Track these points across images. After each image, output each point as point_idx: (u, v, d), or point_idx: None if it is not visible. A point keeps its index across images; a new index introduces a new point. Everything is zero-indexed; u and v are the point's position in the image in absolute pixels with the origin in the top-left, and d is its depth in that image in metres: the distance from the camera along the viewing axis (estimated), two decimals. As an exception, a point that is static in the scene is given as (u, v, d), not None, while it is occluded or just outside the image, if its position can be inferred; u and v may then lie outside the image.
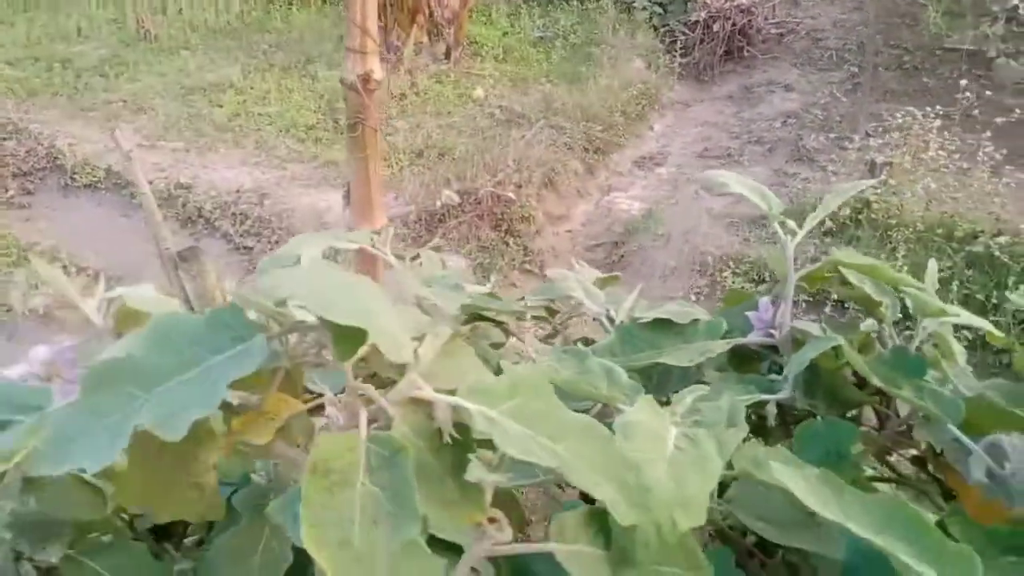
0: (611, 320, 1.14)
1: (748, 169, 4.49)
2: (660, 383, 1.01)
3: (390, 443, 0.60)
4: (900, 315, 1.03)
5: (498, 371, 0.76)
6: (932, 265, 1.11)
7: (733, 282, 3.27)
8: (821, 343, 1.06)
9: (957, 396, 0.92)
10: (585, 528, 0.67)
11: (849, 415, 1.00)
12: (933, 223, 3.34)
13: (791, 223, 1.05)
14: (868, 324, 1.06)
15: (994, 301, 2.98)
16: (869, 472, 1.02)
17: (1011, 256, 3.02)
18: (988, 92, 4.21)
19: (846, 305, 2.88)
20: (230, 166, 4.64)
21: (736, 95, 5.96)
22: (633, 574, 0.65)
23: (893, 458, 1.04)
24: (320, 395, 0.73)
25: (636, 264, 3.70)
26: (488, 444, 0.61)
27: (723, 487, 0.82)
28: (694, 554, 0.66)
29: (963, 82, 4.05)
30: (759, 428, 1.04)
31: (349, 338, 0.61)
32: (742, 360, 1.05)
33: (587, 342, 1.17)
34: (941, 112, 3.60)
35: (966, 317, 1.01)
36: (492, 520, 0.61)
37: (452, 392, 0.66)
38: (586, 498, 0.78)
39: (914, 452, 1.01)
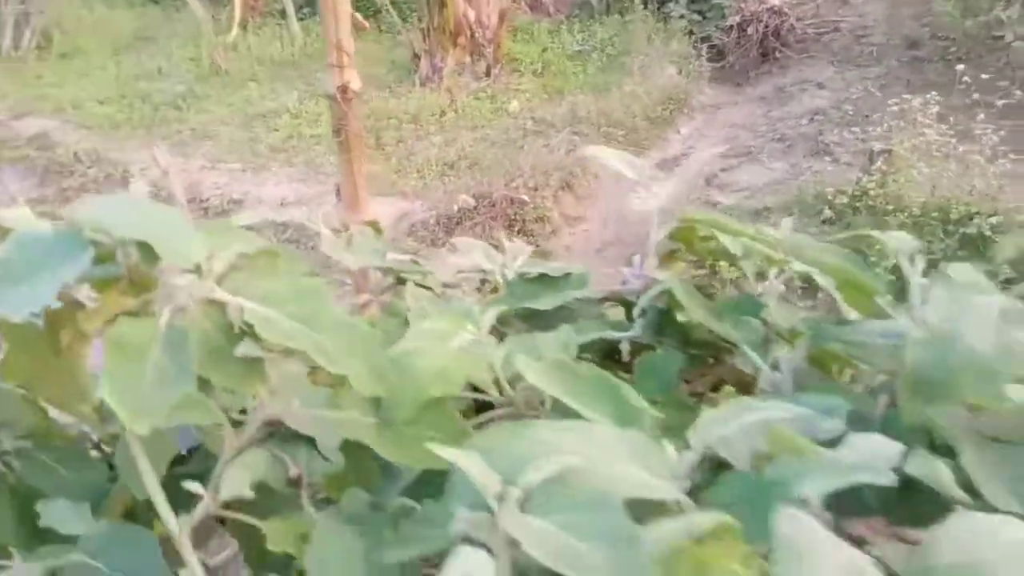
0: (505, 278, 1.38)
1: (766, 164, 4.59)
2: (542, 327, 1.24)
3: (182, 331, 0.83)
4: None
5: (405, 322, 1.01)
6: (786, 222, 1.30)
7: (728, 270, 3.38)
8: (658, 286, 1.30)
9: (767, 328, 1.12)
10: (361, 402, 0.91)
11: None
12: (930, 207, 3.37)
13: (657, 187, 1.28)
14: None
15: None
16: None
17: (1003, 235, 3.04)
18: (984, 76, 4.17)
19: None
20: (279, 183, 5.09)
21: (769, 96, 6.03)
22: (389, 434, 0.87)
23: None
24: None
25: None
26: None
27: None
28: (451, 420, 0.88)
29: (960, 67, 4.04)
30: (619, 363, 1.25)
31: (147, 249, 0.86)
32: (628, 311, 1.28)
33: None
34: (939, 99, 3.63)
35: (799, 265, 1.19)
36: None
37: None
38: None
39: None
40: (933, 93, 3.73)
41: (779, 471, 0.64)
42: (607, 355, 1.27)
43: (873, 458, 0.67)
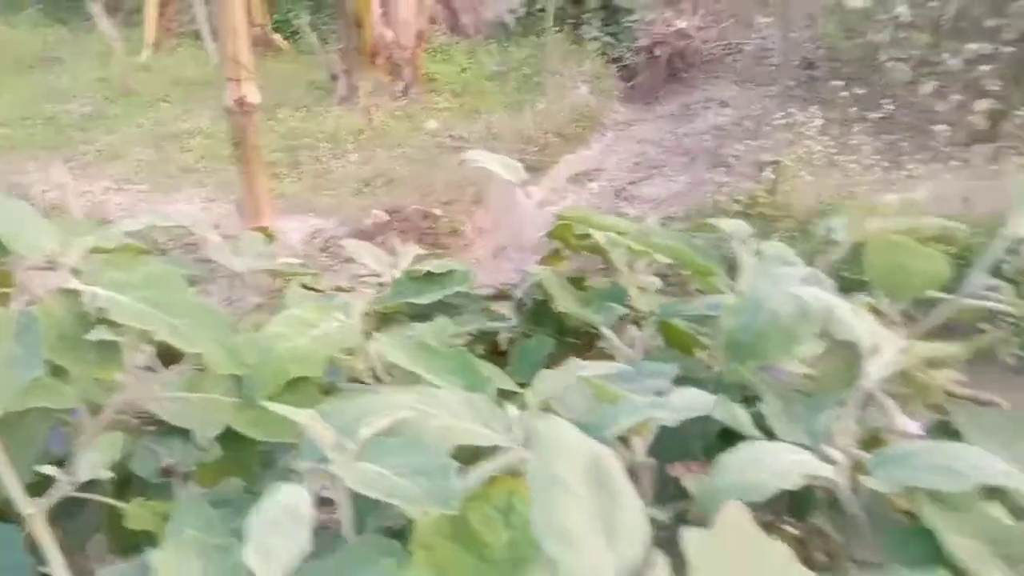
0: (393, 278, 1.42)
1: (671, 177, 4.79)
2: (425, 320, 1.28)
3: (31, 316, 0.85)
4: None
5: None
6: (651, 218, 1.38)
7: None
8: (531, 279, 1.37)
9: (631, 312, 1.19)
10: (223, 384, 0.93)
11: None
12: (813, 213, 3.60)
13: (533, 189, 1.35)
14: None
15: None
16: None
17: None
18: (862, 91, 4.48)
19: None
20: (189, 202, 5.00)
21: (676, 113, 6.28)
22: (250, 413, 0.90)
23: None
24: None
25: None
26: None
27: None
28: (312, 399, 0.92)
29: (836, 83, 4.36)
30: (502, 353, 1.31)
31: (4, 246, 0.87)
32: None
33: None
34: (820, 114, 3.90)
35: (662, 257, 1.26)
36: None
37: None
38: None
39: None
40: (815, 108, 3.99)
41: (595, 416, 0.70)
42: (493, 347, 1.33)
43: (688, 406, 0.75)
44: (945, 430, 0.84)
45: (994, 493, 0.69)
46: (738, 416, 0.75)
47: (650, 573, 0.38)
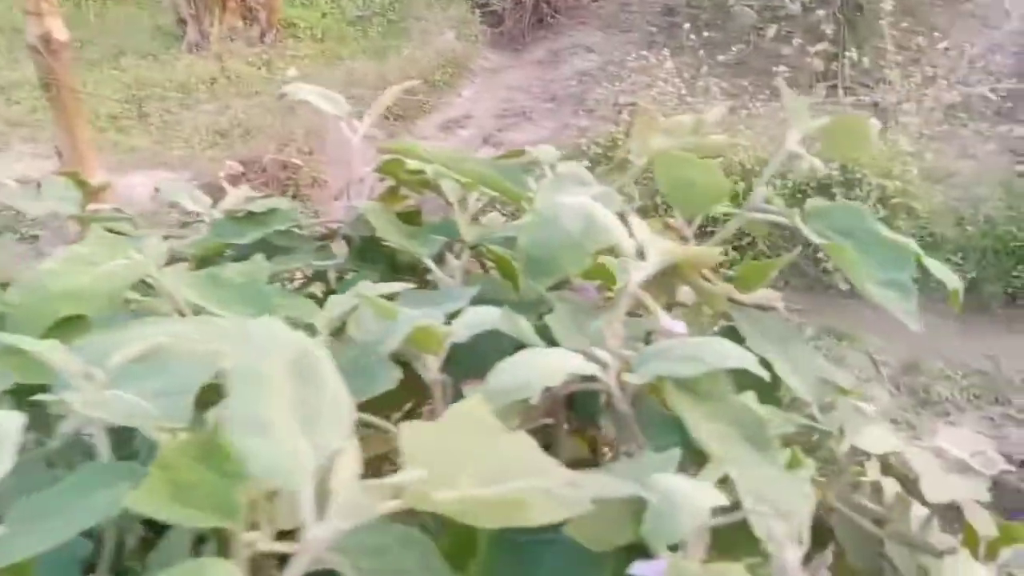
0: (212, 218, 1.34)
1: (538, 123, 4.83)
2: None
3: None
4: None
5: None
6: (483, 151, 1.35)
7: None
8: (352, 212, 1.32)
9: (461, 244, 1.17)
10: None
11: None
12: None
13: (356, 123, 1.29)
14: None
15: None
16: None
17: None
18: (714, 35, 4.68)
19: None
20: (20, 160, 4.58)
21: (544, 59, 6.29)
22: (16, 357, 0.83)
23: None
24: None
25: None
26: None
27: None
28: (83, 329, 0.85)
29: (686, 26, 4.54)
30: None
31: None
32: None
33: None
34: (674, 57, 4.03)
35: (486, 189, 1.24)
36: None
37: None
38: None
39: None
40: (665, 51, 4.11)
41: (367, 333, 0.69)
42: (328, 286, 1.30)
43: (472, 323, 0.75)
44: (733, 335, 0.89)
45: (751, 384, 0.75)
46: (522, 328, 0.76)
47: (341, 458, 0.37)
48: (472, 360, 0.82)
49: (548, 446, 0.82)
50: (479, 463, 0.44)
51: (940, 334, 3.10)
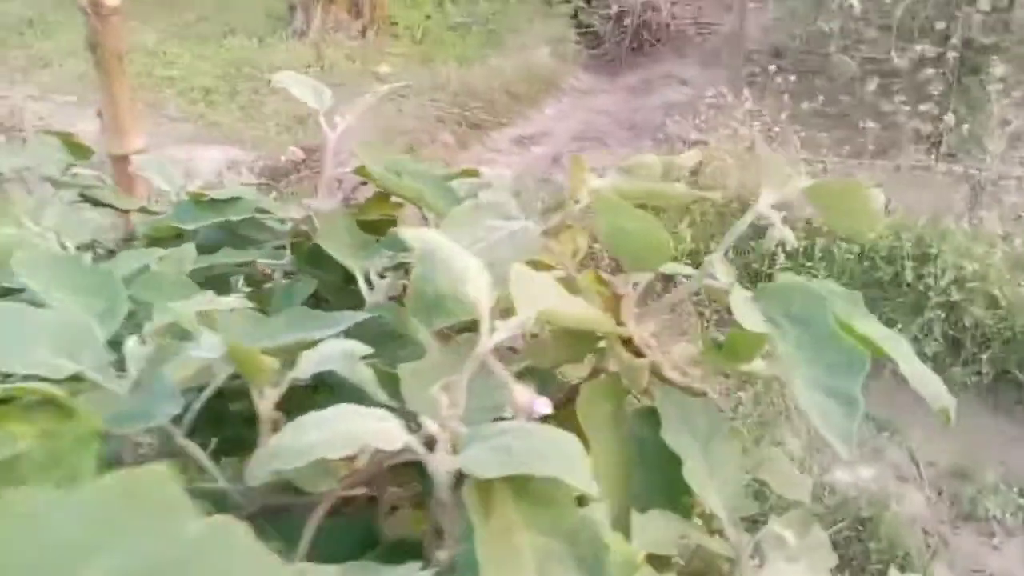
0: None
1: (612, 149, 4.70)
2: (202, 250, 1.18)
3: None
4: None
5: None
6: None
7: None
8: (301, 214, 1.26)
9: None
10: None
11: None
12: (730, 196, 3.54)
13: (337, 119, 1.24)
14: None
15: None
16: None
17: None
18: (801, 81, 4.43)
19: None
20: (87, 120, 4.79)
21: (636, 86, 6.16)
22: None
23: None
24: None
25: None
26: None
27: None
28: None
29: (772, 67, 4.28)
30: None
31: None
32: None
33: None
34: (751, 96, 3.82)
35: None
36: None
37: None
38: None
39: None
40: (747, 91, 3.90)
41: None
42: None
43: (318, 360, 0.67)
44: (651, 418, 0.76)
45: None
46: (363, 376, 0.66)
47: None
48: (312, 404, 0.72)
49: (369, 519, 0.71)
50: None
51: (1001, 439, 2.77)
